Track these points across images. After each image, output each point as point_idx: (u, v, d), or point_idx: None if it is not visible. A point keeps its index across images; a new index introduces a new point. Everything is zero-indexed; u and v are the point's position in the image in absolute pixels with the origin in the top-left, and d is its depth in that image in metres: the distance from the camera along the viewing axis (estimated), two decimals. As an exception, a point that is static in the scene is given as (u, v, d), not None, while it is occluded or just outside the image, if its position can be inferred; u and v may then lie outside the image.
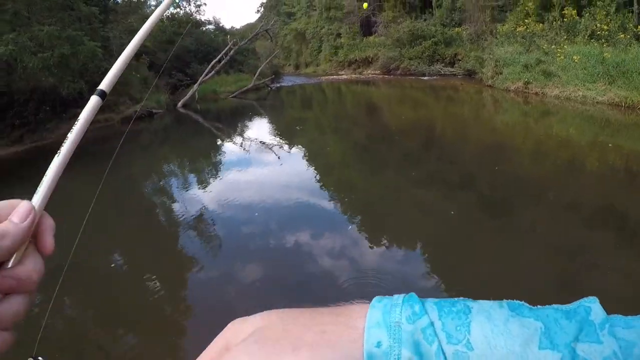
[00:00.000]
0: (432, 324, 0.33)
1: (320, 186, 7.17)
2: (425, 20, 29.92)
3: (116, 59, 0.58)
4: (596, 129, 10.04)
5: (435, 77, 24.70)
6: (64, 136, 0.51)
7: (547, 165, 7.64)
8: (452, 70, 24.91)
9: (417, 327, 0.33)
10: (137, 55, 20.31)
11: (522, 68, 16.35)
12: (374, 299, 0.37)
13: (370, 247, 4.73)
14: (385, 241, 4.90)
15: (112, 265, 4.82)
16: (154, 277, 4.34)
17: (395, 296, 0.37)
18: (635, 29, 15.47)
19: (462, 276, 4.08)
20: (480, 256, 4.38)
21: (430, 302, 0.36)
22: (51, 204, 0.48)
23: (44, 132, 12.62)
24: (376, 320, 0.35)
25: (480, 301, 0.36)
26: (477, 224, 5.23)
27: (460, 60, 24.55)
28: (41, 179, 0.49)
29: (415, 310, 0.35)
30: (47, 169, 0.49)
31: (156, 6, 26.57)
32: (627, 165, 7.46)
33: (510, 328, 0.33)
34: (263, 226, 5.50)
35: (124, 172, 9.09)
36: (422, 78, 24.76)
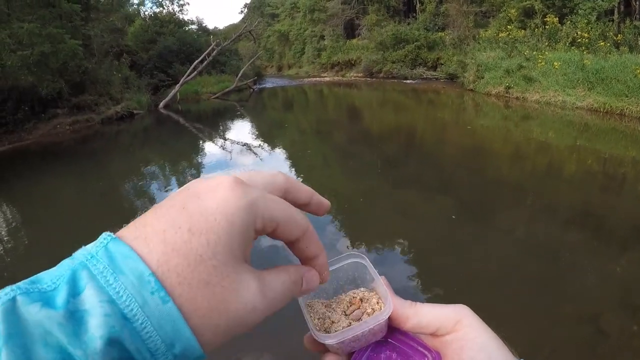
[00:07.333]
0: None
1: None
2: (408, 24, 29.98)
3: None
4: (575, 133, 10.20)
5: (417, 80, 24.72)
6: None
7: (526, 168, 7.74)
8: (434, 74, 24.93)
9: None
10: (118, 54, 20.16)
11: (503, 73, 16.49)
12: None
13: (349, 248, 4.73)
14: (364, 243, 4.93)
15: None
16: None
17: None
18: (615, 38, 15.83)
19: (442, 277, 4.11)
20: (460, 258, 4.42)
21: None
22: (33, 200, 0.47)
23: (22, 132, 12.34)
24: None
25: None
26: (457, 226, 5.27)
27: (442, 65, 24.55)
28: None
29: None
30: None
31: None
32: (604, 168, 7.59)
33: None
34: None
35: (104, 172, 9.01)
36: (405, 81, 24.78)
